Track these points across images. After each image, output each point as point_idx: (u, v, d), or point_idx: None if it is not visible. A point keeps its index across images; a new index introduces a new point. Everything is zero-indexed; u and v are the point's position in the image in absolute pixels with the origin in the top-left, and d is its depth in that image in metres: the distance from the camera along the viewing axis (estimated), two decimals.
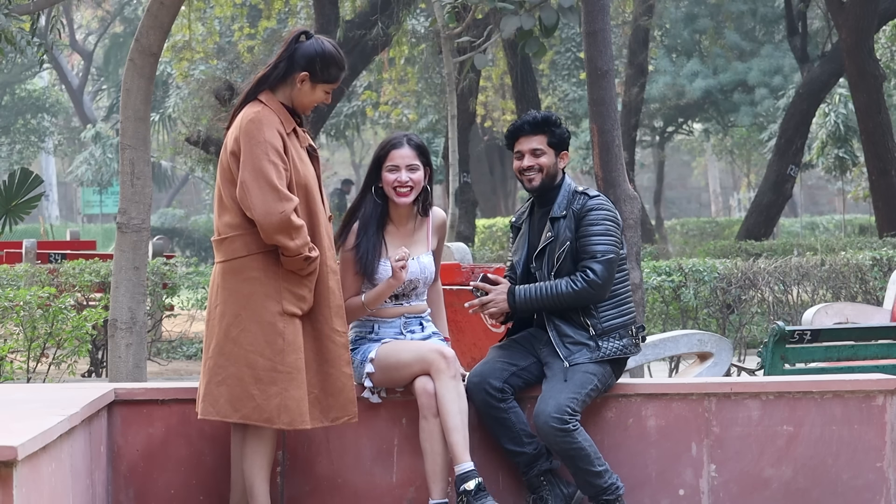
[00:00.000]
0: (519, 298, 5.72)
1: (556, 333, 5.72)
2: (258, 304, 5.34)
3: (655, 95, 31.63)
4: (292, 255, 5.31)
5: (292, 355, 5.35)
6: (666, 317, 13.08)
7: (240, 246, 5.38)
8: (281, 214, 5.26)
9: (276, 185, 5.27)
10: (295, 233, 5.29)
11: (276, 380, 5.32)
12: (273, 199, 5.26)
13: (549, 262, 5.76)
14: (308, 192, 5.42)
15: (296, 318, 5.38)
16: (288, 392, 5.33)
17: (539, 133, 5.85)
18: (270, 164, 5.28)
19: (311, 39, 5.48)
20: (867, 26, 18.90)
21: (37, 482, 4.45)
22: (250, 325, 5.34)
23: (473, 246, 21.41)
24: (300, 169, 5.40)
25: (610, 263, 5.68)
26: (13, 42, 9.69)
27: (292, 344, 5.35)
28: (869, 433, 5.82)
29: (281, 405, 5.32)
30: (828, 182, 42.75)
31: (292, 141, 5.42)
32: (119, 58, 44.06)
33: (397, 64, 23.88)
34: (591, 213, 5.74)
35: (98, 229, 41.64)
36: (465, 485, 5.46)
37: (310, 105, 5.51)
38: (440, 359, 5.57)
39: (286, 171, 5.33)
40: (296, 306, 5.38)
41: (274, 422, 5.33)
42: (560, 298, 5.68)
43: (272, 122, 5.35)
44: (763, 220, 22.46)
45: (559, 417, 5.50)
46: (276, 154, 5.30)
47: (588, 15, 8.91)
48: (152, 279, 13.08)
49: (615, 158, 8.84)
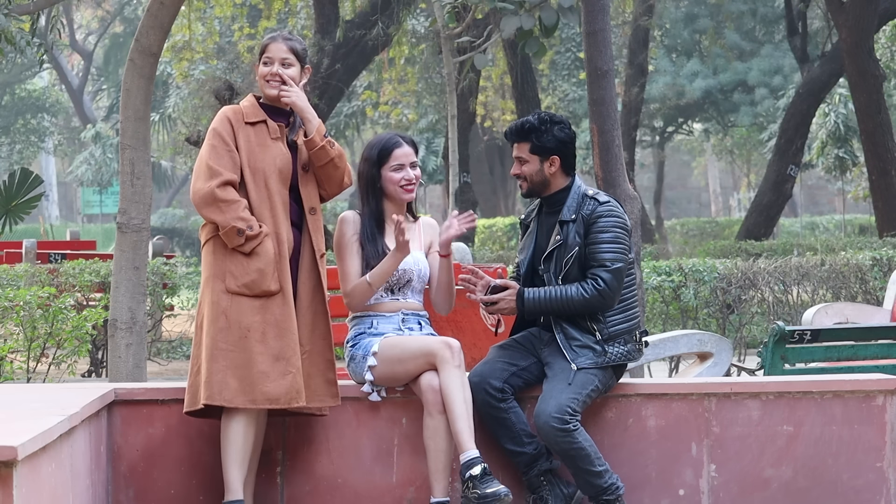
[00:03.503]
0: (528, 302, 5.72)
1: (563, 336, 5.72)
2: (209, 287, 5.51)
3: (655, 95, 31.65)
4: (224, 229, 5.45)
5: (236, 333, 5.43)
6: (666, 317, 13.08)
7: (206, 231, 5.60)
8: (207, 188, 5.47)
9: (207, 164, 5.52)
10: (224, 205, 5.46)
11: (218, 357, 5.42)
12: (203, 177, 5.52)
13: (557, 266, 5.76)
14: (266, 178, 5.55)
15: (244, 297, 5.45)
16: (230, 370, 5.41)
17: (521, 141, 5.85)
18: (209, 146, 5.56)
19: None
20: (867, 26, 18.90)
21: (37, 482, 4.45)
22: (205, 309, 5.52)
23: (473, 246, 21.40)
24: (258, 154, 5.56)
25: (619, 272, 5.69)
26: (13, 42, 9.68)
27: (237, 322, 5.44)
28: (869, 433, 5.82)
29: (222, 382, 5.41)
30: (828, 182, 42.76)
31: (255, 131, 5.60)
32: (119, 58, 44.07)
33: (397, 64, 23.88)
34: (601, 219, 5.73)
35: (98, 229, 41.66)
36: (470, 471, 5.46)
37: (261, 85, 5.68)
38: (445, 349, 5.59)
39: (228, 152, 5.53)
40: (238, 284, 5.46)
41: (214, 399, 5.41)
42: (569, 305, 5.68)
43: (224, 114, 5.62)
44: (763, 220, 22.46)
45: (560, 417, 5.50)
46: (216, 138, 5.55)
47: (588, 15, 8.90)
48: (152, 279, 13.07)
49: (615, 158, 8.84)
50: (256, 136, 5.60)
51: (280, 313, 5.48)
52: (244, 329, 5.44)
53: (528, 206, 6.04)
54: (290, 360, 5.47)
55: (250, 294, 5.46)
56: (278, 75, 5.63)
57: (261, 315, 5.46)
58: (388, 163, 5.82)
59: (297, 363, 5.48)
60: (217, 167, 5.50)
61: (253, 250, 5.46)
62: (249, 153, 5.56)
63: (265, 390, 5.42)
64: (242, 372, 5.41)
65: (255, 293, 5.46)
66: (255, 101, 5.69)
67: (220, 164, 5.50)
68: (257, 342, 5.44)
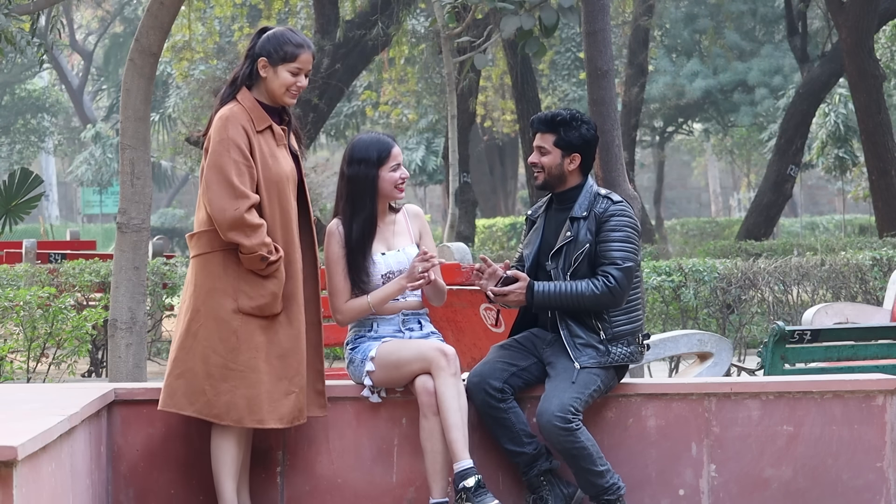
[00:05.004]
0: (538, 295, 5.71)
1: (567, 334, 5.71)
2: (215, 301, 5.39)
3: (655, 95, 31.65)
4: (248, 254, 5.33)
5: (246, 354, 5.38)
6: (666, 317, 13.06)
7: (206, 242, 5.43)
8: (235, 212, 5.30)
9: (232, 182, 5.31)
10: (250, 231, 5.31)
11: (228, 377, 5.37)
12: (228, 196, 5.30)
13: (566, 262, 5.75)
14: (280, 191, 5.43)
15: (253, 318, 5.39)
16: (239, 390, 5.37)
17: (548, 131, 5.85)
18: (231, 161, 5.33)
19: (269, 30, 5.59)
20: (867, 26, 18.90)
21: (37, 482, 4.45)
22: (207, 321, 5.40)
23: (473, 246, 21.40)
24: (271, 167, 5.42)
25: (630, 271, 5.69)
26: (13, 42, 9.69)
27: (247, 342, 5.38)
28: (869, 433, 5.82)
29: (230, 403, 5.37)
30: (828, 182, 42.76)
31: (265, 139, 5.45)
32: (119, 58, 44.06)
33: (397, 64, 23.88)
34: (614, 218, 5.74)
35: (98, 229, 41.66)
36: (464, 482, 5.47)
37: (280, 91, 5.49)
38: (441, 356, 5.58)
39: (248, 168, 5.35)
40: (252, 306, 5.39)
41: (223, 418, 5.38)
42: (579, 300, 5.67)
43: (238, 120, 5.39)
44: (763, 220, 22.46)
45: (563, 416, 5.50)
46: (237, 151, 5.34)
47: (588, 15, 8.91)
48: (152, 279, 13.06)
49: (615, 158, 8.84)
50: (267, 146, 5.45)
51: (286, 333, 5.45)
52: (253, 350, 5.40)
53: (529, 206, 6.03)
54: (293, 380, 5.45)
55: (261, 315, 5.42)
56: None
57: (266, 335, 5.42)
58: (387, 163, 5.79)
59: (300, 382, 5.47)
60: (243, 188, 5.32)
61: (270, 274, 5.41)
62: (264, 165, 5.40)
63: (270, 409, 5.41)
64: (251, 392, 5.38)
65: (265, 315, 5.42)
66: (256, 103, 5.50)
67: (245, 184, 5.33)
68: (264, 362, 5.41)
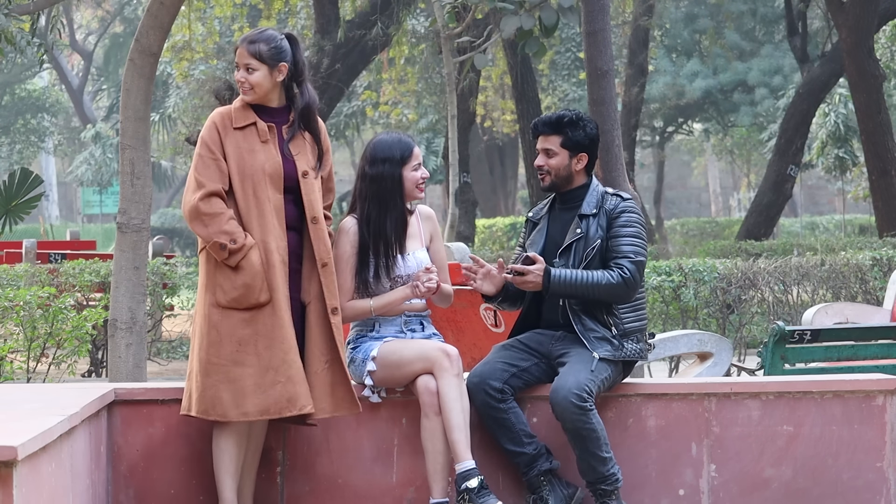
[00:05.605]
0: (555, 279, 5.69)
1: (581, 327, 5.72)
2: (200, 297, 5.52)
3: (655, 95, 31.65)
4: (207, 242, 5.43)
5: (228, 347, 5.41)
6: (666, 317, 13.07)
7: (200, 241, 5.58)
8: (191, 201, 5.45)
9: (194, 175, 5.49)
10: (207, 219, 5.42)
11: (211, 372, 5.42)
12: (190, 189, 5.50)
13: (577, 258, 5.76)
14: (255, 184, 5.47)
15: (235, 311, 5.41)
16: (222, 384, 5.39)
17: (553, 133, 5.85)
18: (197, 156, 5.52)
19: None
20: (867, 26, 18.90)
21: (37, 482, 4.45)
22: (197, 318, 5.53)
23: (473, 246, 21.40)
24: (247, 160, 5.48)
25: (641, 265, 5.74)
26: (13, 42, 9.69)
27: (229, 336, 5.41)
28: (869, 433, 5.82)
29: (214, 397, 5.40)
30: (828, 182, 42.76)
31: (244, 135, 5.52)
32: (119, 58, 44.06)
33: (397, 64, 23.88)
34: (625, 214, 5.78)
35: (98, 229, 41.64)
36: (466, 483, 5.46)
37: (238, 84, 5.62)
38: (443, 357, 5.58)
39: (214, 161, 5.47)
40: (227, 299, 5.42)
41: (209, 413, 5.42)
42: (595, 288, 5.67)
43: (213, 119, 5.56)
44: (763, 220, 22.46)
45: (578, 394, 5.49)
46: (204, 147, 5.51)
47: (588, 15, 8.91)
48: (152, 279, 13.07)
49: (615, 158, 8.85)
50: (245, 141, 5.52)
51: (270, 323, 5.43)
52: (235, 343, 5.42)
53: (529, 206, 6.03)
54: (279, 370, 5.42)
55: (239, 308, 5.43)
56: (245, 81, 5.56)
57: (252, 327, 5.42)
58: (410, 162, 5.78)
59: (287, 372, 5.42)
60: (201, 178, 5.44)
61: (238, 264, 5.41)
62: (238, 160, 5.48)
63: (256, 402, 5.40)
64: (235, 385, 5.40)
65: (243, 307, 5.43)
66: (243, 104, 5.59)
67: (205, 175, 5.45)
68: (249, 354, 5.41)
